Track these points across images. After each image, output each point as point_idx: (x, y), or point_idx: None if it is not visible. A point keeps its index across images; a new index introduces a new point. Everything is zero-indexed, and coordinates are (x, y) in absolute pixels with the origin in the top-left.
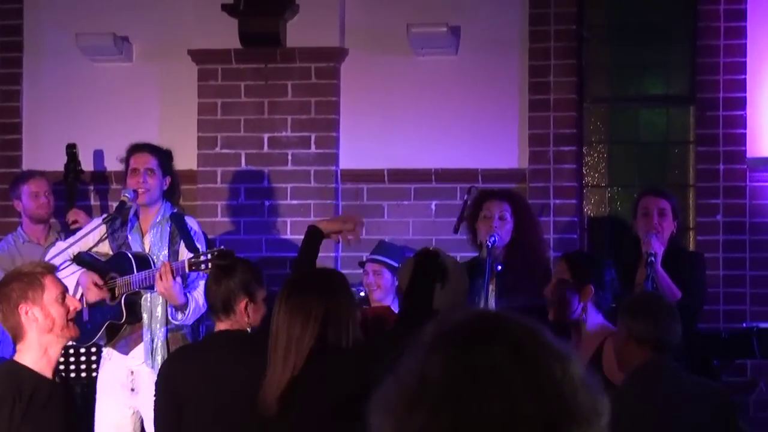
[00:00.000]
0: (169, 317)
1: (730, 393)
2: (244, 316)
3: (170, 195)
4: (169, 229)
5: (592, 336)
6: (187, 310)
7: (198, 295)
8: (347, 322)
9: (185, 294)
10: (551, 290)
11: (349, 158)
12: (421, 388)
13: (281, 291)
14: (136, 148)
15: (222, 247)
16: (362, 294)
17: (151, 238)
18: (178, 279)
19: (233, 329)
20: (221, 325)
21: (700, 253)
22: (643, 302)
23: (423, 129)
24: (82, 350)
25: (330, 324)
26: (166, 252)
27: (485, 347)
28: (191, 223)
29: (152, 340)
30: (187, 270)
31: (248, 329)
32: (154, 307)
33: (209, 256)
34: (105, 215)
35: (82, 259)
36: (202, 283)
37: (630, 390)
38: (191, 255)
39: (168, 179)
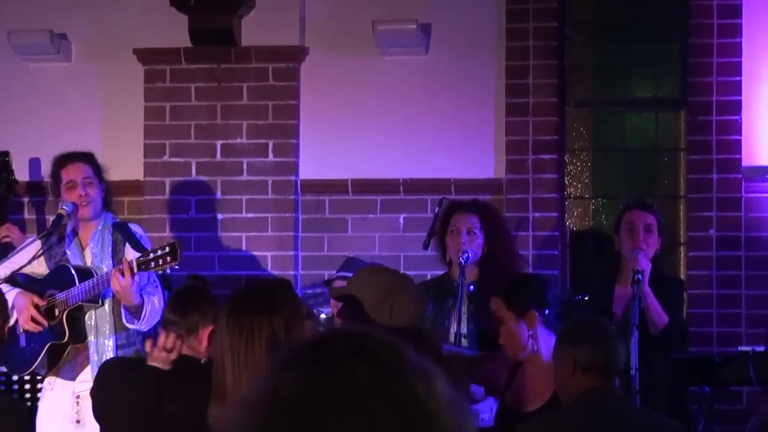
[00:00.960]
0: (124, 322)
1: (683, 428)
2: (203, 343)
3: (108, 203)
4: (111, 238)
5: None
6: (143, 313)
7: (154, 298)
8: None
9: (141, 295)
10: (500, 334)
11: (310, 167)
12: (275, 407)
13: (222, 311)
14: (67, 159)
15: (173, 241)
16: (323, 315)
17: (92, 251)
18: (136, 277)
19: (185, 354)
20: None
21: (681, 280)
22: (585, 328)
23: (390, 135)
24: (18, 378)
25: (279, 343)
26: (109, 262)
27: (344, 363)
28: (136, 229)
29: (101, 360)
30: (135, 270)
31: (202, 360)
32: (100, 324)
33: (159, 252)
34: (42, 232)
35: (16, 280)
36: (150, 288)
37: (573, 416)
38: (139, 255)
39: (103, 186)
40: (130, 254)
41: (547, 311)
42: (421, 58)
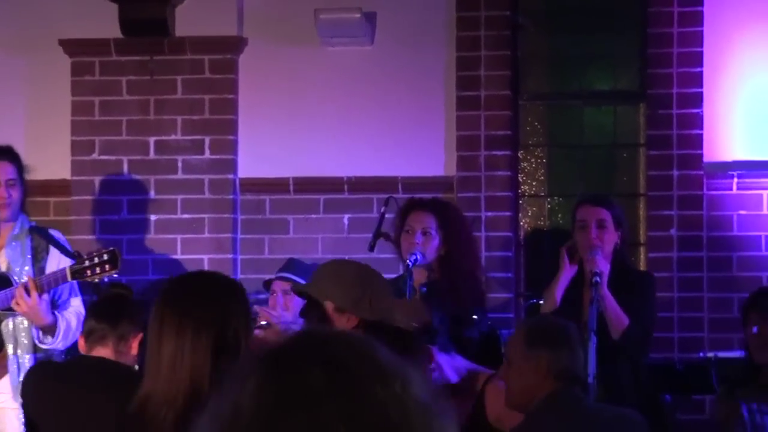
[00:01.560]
0: (36, 341)
1: (647, 423)
2: (133, 351)
3: (23, 204)
4: (30, 243)
5: (462, 387)
6: (57, 332)
7: (70, 315)
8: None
9: (53, 313)
10: None
11: (249, 165)
12: (235, 419)
13: (156, 302)
14: None
15: (112, 248)
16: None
17: (8, 255)
18: (45, 296)
19: (114, 359)
20: (101, 351)
21: (649, 273)
22: (564, 333)
23: (334, 131)
24: None
25: (224, 342)
26: (28, 268)
27: (299, 368)
28: (56, 233)
29: (19, 371)
30: (69, 279)
31: (134, 367)
32: (18, 333)
33: (96, 259)
34: None
35: None
36: (75, 302)
37: (534, 426)
38: (72, 262)
39: (25, 187)
40: (62, 261)
41: (439, 340)
42: (365, 48)
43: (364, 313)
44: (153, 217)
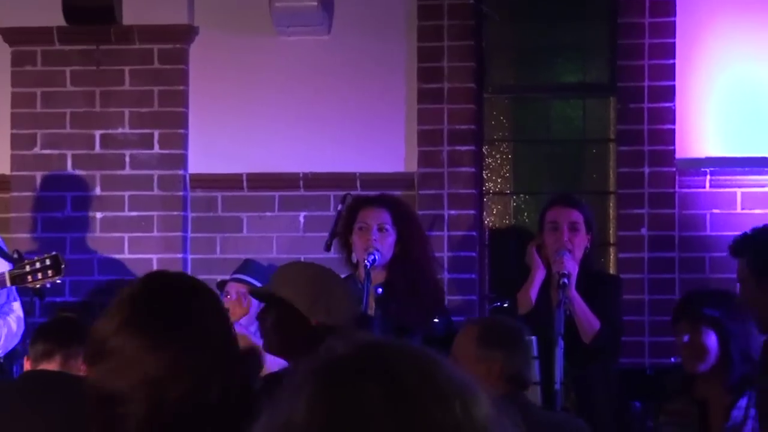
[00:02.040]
0: None
1: (591, 430)
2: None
3: None
4: None
5: None
6: None
7: (11, 320)
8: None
9: None
10: None
11: (201, 161)
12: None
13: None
14: None
15: (55, 252)
16: None
17: None
18: None
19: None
20: (46, 365)
21: (617, 276)
22: (517, 334)
23: (290, 125)
24: None
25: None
26: None
27: (354, 385)
28: None
29: None
30: (8, 284)
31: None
32: None
33: (38, 264)
34: None
35: None
36: (16, 305)
37: None
38: (11, 266)
39: None
40: (1, 265)
41: None
42: (323, 38)
43: (319, 316)
44: (98, 215)
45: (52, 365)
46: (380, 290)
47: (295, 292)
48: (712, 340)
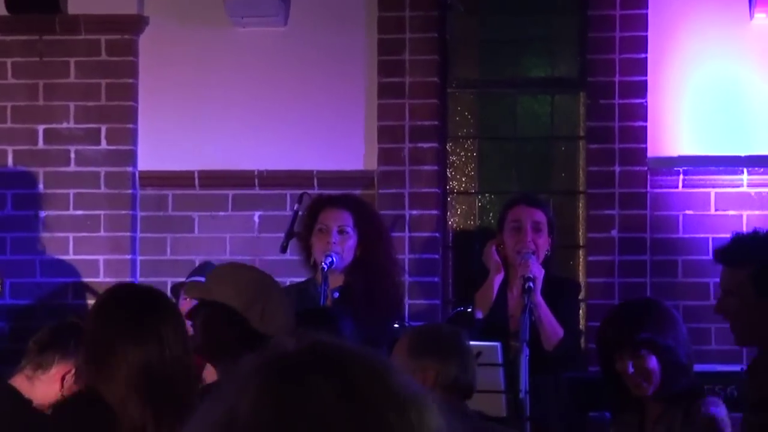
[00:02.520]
0: None
1: None
2: (57, 385)
3: None
4: None
5: None
6: None
7: None
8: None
9: None
10: None
11: (150, 157)
12: (228, 427)
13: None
14: None
15: None
16: None
17: None
18: None
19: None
20: (15, 378)
21: (576, 281)
22: (455, 341)
23: (244, 120)
24: None
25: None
26: None
27: (309, 385)
28: None
29: None
30: None
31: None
32: None
33: None
34: None
35: None
36: None
37: None
38: None
39: None
40: None
41: None
42: (279, 29)
43: (254, 321)
44: (42, 214)
45: (20, 376)
46: (336, 294)
47: (233, 288)
48: (653, 362)
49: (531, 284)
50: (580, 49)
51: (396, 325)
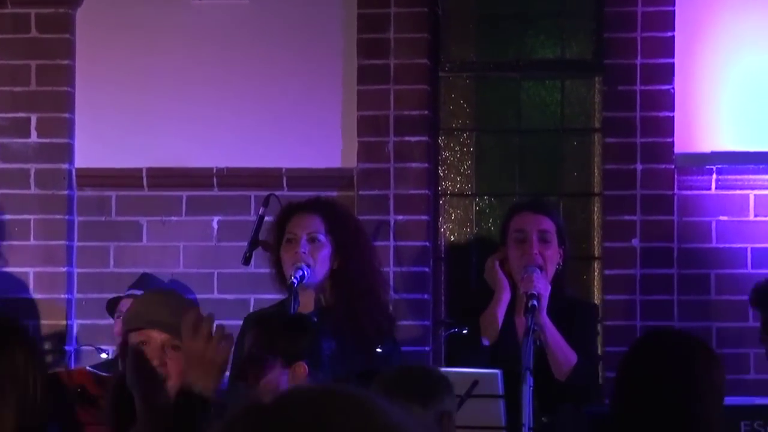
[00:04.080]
0: None
1: None
2: None
3: None
4: None
5: None
6: None
7: None
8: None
9: None
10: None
11: (90, 152)
12: None
13: None
14: None
15: None
16: (104, 355)
17: None
18: None
19: None
20: None
21: (594, 304)
22: (401, 384)
23: (201, 110)
24: None
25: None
26: None
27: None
28: None
29: None
30: None
31: None
32: None
33: None
34: None
35: None
36: None
37: None
38: None
39: None
40: None
41: (317, 374)
42: (241, 2)
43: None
44: None
45: None
46: (314, 319)
47: (166, 310)
48: None
49: (534, 302)
50: (595, 26)
51: (379, 350)
